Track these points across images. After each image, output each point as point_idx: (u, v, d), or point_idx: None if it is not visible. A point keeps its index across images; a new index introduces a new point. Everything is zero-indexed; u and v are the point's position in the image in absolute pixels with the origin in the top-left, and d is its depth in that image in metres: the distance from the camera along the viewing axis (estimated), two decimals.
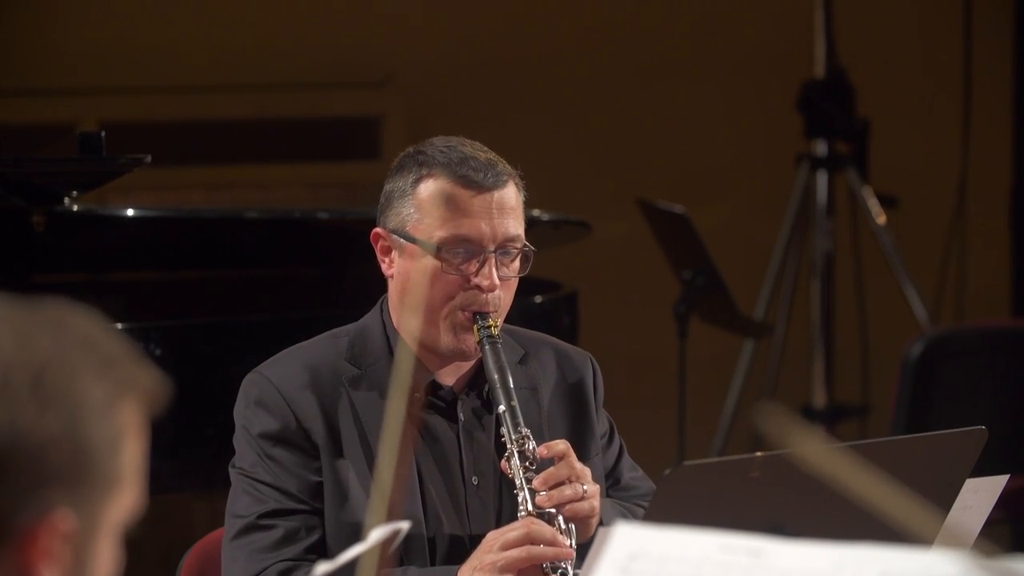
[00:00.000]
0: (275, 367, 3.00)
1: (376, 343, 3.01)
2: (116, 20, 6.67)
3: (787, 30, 7.05)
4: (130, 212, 4.50)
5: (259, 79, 6.79)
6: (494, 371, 2.92)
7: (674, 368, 5.72)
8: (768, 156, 7.09)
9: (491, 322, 2.94)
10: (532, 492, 2.84)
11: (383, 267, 3.02)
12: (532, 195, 3.04)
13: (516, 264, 2.99)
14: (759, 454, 2.59)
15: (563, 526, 2.84)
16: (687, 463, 2.60)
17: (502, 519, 2.98)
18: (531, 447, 2.87)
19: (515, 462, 2.87)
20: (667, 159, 7.14)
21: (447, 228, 2.93)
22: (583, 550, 2.80)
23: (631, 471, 3.18)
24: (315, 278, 5.07)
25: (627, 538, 1.99)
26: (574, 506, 2.85)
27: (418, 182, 2.96)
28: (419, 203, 2.95)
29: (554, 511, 2.84)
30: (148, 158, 4.22)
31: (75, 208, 4.35)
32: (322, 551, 2.90)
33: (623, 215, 6.52)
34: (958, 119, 7.18)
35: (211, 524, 3.37)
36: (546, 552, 2.80)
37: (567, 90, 7.05)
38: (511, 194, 2.97)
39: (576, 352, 3.17)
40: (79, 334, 1.63)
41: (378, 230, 3.01)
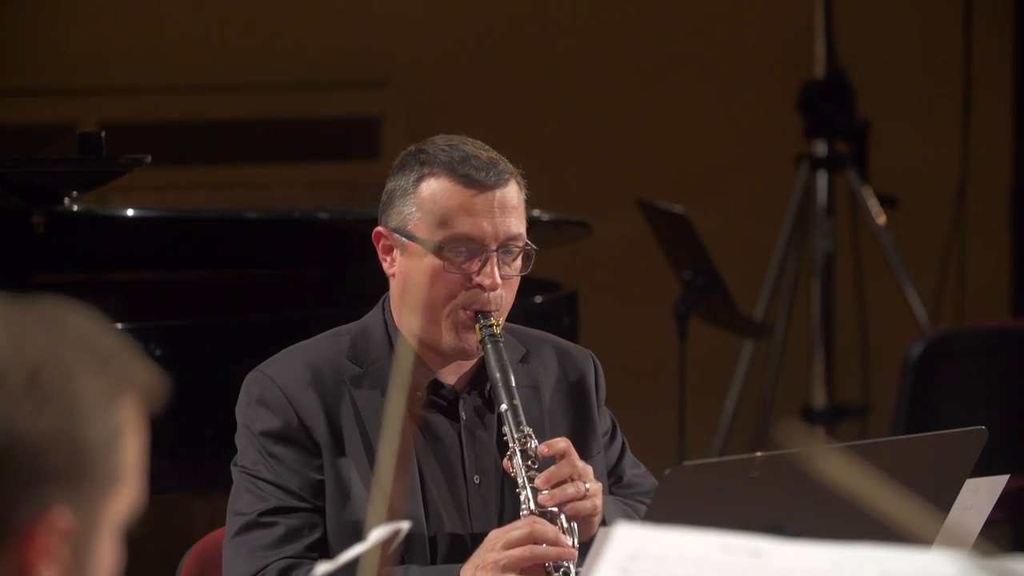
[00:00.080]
0: (277, 366, 3.00)
1: (378, 342, 3.01)
2: (116, 20, 6.67)
3: (787, 30, 7.05)
4: (130, 212, 4.50)
5: (259, 79, 6.79)
6: (496, 370, 2.92)
7: (674, 368, 5.72)
8: (768, 156, 7.08)
9: (493, 321, 2.94)
10: (534, 491, 2.84)
11: (384, 266, 3.02)
12: (532, 195, 3.04)
13: (518, 263, 2.99)
14: (759, 454, 2.59)
15: (565, 525, 2.83)
16: (687, 463, 2.60)
17: (504, 518, 2.98)
18: (533, 446, 2.87)
19: (517, 461, 2.86)
20: (667, 159, 7.13)
21: (449, 227, 2.93)
22: (585, 548, 2.80)
23: (633, 468, 3.18)
24: (315, 278, 5.07)
25: (627, 538, 1.99)
26: (576, 505, 2.85)
27: (420, 181, 2.96)
28: (421, 202, 2.95)
29: (556, 510, 2.84)
30: (148, 158, 4.22)
31: (75, 208, 4.35)
32: (323, 549, 2.90)
33: (623, 215, 6.51)
34: (958, 119, 7.18)
35: (211, 524, 3.37)
36: (549, 552, 2.80)
37: (567, 90, 7.05)
38: (513, 193, 2.97)
39: (577, 350, 3.17)
40: (75, 332, 1.63)
41: (379, 229, 3.01)
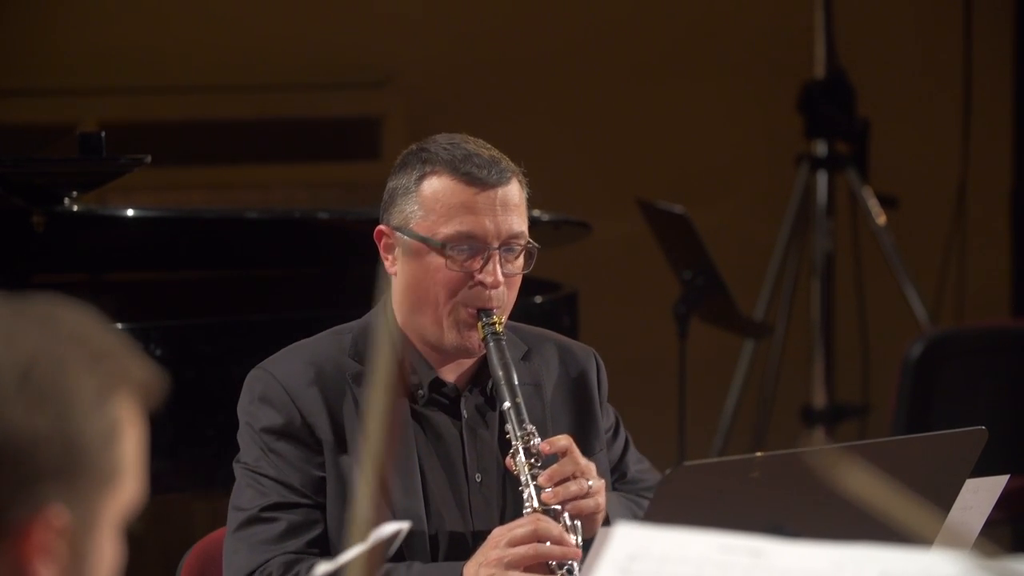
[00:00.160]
0: (279, 363, 3.01)
1: (379, 340, 3.01)
2: (116, 21, 6.67)
3: (787, 30, 7.05)
4: (130, 212, 4.50)
5: (259, 79, 6.79)
6: (498, 368, 2.92)
7: (674, 368, 5.72)
8: (768, 156, 7.08)
9: (495, 319, 2.94)
10: (538, 489, 2.84)
11: (386, 264, 3.01)
12: (532, 195, 3.04)
13: (520, 261, 2.99)
14: (759, 454, 2.59)
15: (569, 523, 2.83)
16: (687, 463, 2.60)
17: (505, 516, 2.98)
18: (536, 443, 2.87)
19: (520, 459, 2.86)
20: (667, 159, 7.13)
21: (451, 225, 2.93)
22: (588, 546, 2.80)
23: (637, 464, 3.18)
24: (315, 278, 5.07)
25: (627, 538, 1.99)
26: (579, 503, 2.85)
27: (422, 179, 2.96)
28: (423, 200, 2.95)
29: (560, 507, 2.84)
30: (148, 158, 4.22)
31: (75, 208, 4.35)
32: (324, 545, 2.91)
33: (623, 215, 6.51)
34: (958, 119, 7.18)
35: (211, 524, 3.37)
36: (553, 551, 2.79)
37: (567, 90, 7.05)
38: (515, 191, 2.97)
39: (579, 347, 3.17)
40: (68, 329, 1.63)
41: (381, 227, 3.01)
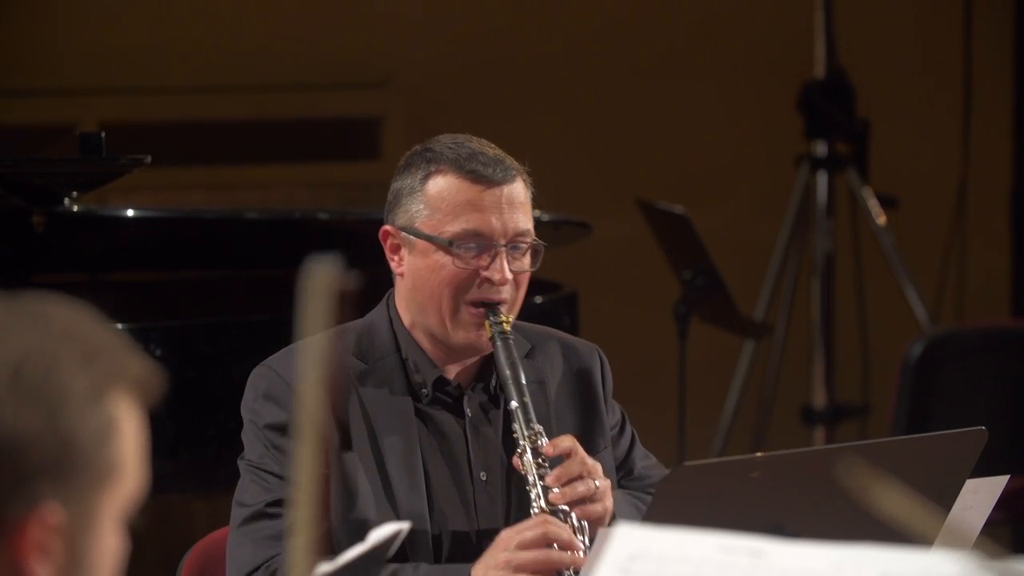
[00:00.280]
0: (283, 360, 3.00)
1: (383, 338, 3.01)
2: (116, 21, 6.67)
3: (787, 30, 7.05)
4: (130, 212, 4.50)
5: (259, 79, 6.79)
6: (506, 367, 2.92)
7: (674, 368, 5.72)
8: (768, 156, 7.08)
9: (503, 318, 2.94)
10: (545, 489, 2.84)
11: (392, 265, 3.01)
12: (533, 195, 3.04)
13: (527, 259, 2.99)
14: (759, 454, 2.59)
15: (576, 524, 2.83)
16: (687, 464, 2.60)
17: (510, 514, 2.98)
18: (543, 443, 2.87)
19: (528, 459, 2.86)
20: (667, 159, 7.13)
21: (458, 223, 2.93)
22: None
23: (644, 460, 3.18)
24: None
25: (627, 538, 1.99)
26: (586, 508, 2.84)
27: (427, 179, 2.96)
28: (428, 199, 2.95)
29: (567, 508, 2.83)
30: (148, 158, 4.22)
31: (75, 208, 4.35)
32: (328, 543, 2.90)
33: (623, 215, 6.51)
34: (958, 119, 7.17)
35: (211, 524, 3.36)
36: (563, 558, 2.78)
37: (567, 90, 7.05)
38: (520, 189, 2.98)
39: (583, 345, 3.17)
40: (61, 326, 1.63)
41: (387, 228, 3.00)
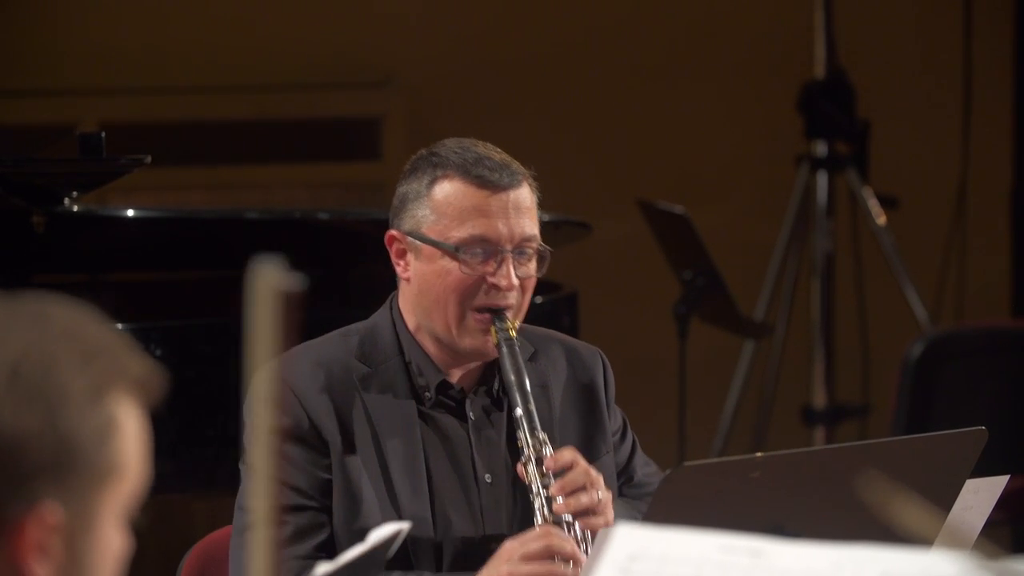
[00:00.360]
0: (286, 363, 2.99)
1: (386, 342, 3.01)
2: (116, 21, 6.67)
3: (787, 30, 7.05)
4: (130, 213, 4.50)
5: (259, 80, 6.78)
6: (511, 373, 2.91)
7: (674, 369, 5.72)
8: (768, 157, 7.08)
9: (509, 325, 2.93)
10: (548, 499, 2.83)
11: (398, 270, 3.00)
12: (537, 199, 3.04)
13: (533, 264, 2.98)
14: (759, 454, 2.59)
15: (579, 534, 2.82)
16: (687, 464, 2.60)
17: (515, 517, 2.97)
18: (548, 452, 2.86)
19: (532, 468, 2.85)
20: (667, 159, 7.13)
21: (464, 229, 2.92)
22: None
23: (645, 466, 3.17)
24: (315, 278, 5.07)
25: (627, 538, 1.99)
26: (589, 521, 2.83)
27: (433, 184, 2.95)
28: (435, 204, 2.94)
29: (571, 519, 2.83)
30: (148, 159, 4.22)
31: (75, 208, 4.35)
32: (331, 549, 2.89)
33: (623, 216, 6.51)
34: (958, 119, 7.17)
35: (211, 524, 3.36)
36: (566, 572, 2.77)
37: (567, 90, 7.05)
38: (526, 194, 2.97)
39: (585, 348, 3.16)
40: (59, 326, 1.63)
41: (393, 233, 3.00)
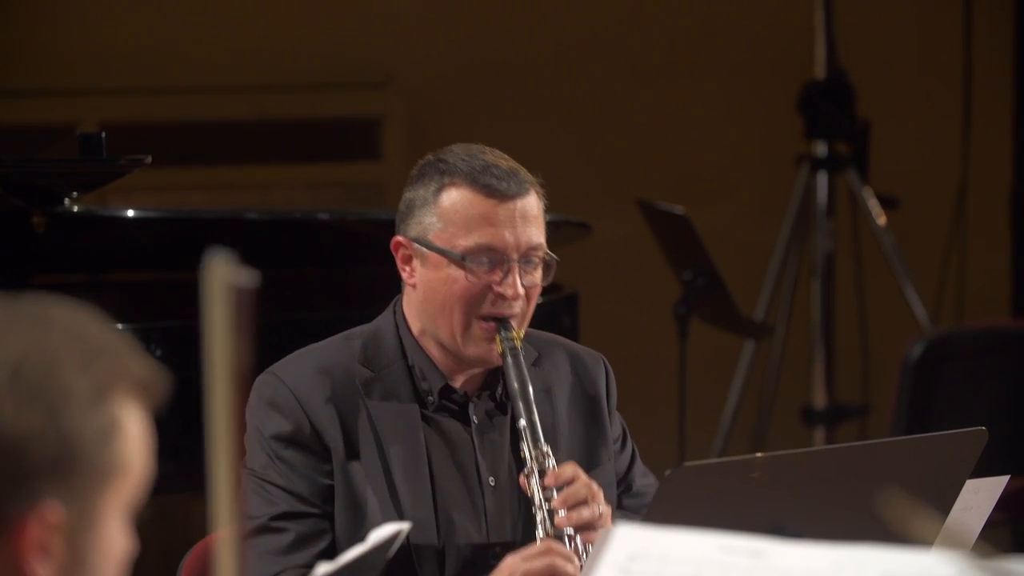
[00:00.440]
0: (288, 368, 2.99)
1: (389, 346, 3.00)
2: (116, 21, 6.67)
3: (787, 30, 7.05)
4: (130, 213, 4.50)
5: (259, 80, 6.78)
6: (515, 383, 2.91)
7: (674, 369, 5.72)
8: (768, 157, 7.08)
9: (514, 334, 2.93)
10: (550, 512, 2.83)
11: (404, 275, 3.00)
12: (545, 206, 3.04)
13: (539, 273, 2.98)
14: (759, 455, 2.59)
15: (581, 549, 2.81)
16: (687, 464, 2.60)
17: (519, 521, 2.97)
18: (551, 465, 2.86)
19: (535, 481, 2.85)
20: (667, 160, 7.13)
21: (471, 238, 2.92)
22: None
23: (643, 477, 3.16)
24: (315, 279, 5.07)
25: (627, 539, 1.99)
26: (590, 535, 2.82)
27: (440, 191, 2.94)
28: (442, 212, 2.94)
29: (572, 532, 2.82)
30: (148, 159, 4.22)
31: (75, 209, 4.34)
32: (332, 556, 2.89)
33: (623, 216, 6.51)
34: (958, 119, 7.17)
35: (211, 524, 3.36)
36: None
37: (567, 90, 7.05)
38: (533, 202, 2.97)
39: (588, 354, 3.16)
40: (62, 327, 1.63)
41: (399, 239, 2.99)
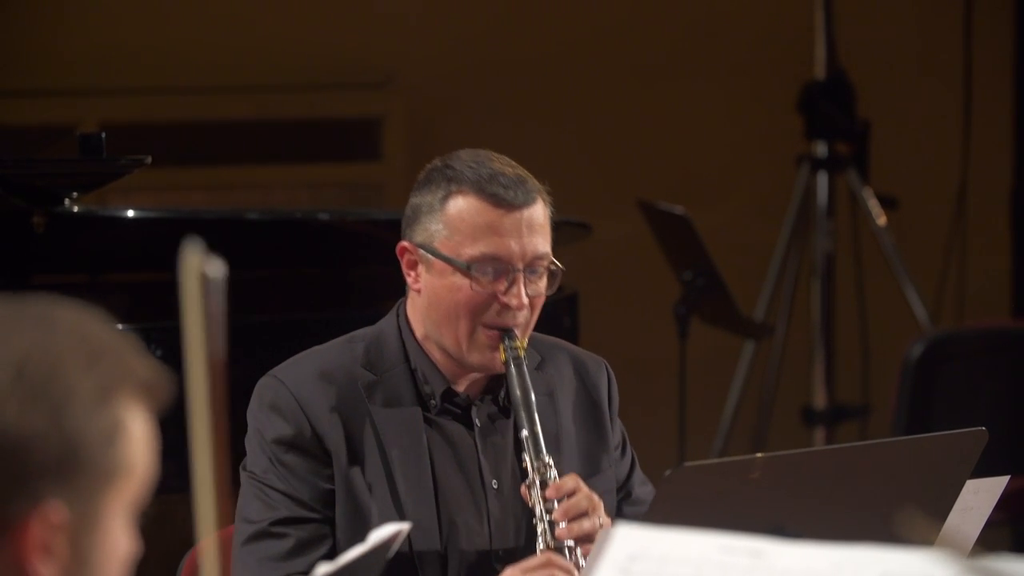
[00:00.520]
0: (290, 371, 2.99)
1: (392, 349, 3.00)
2: (117, 21, 6.67)
3: (787, 30, 7.05)
4: (130, 213, 4.49)
5: (260, 80, 6.79)
6: (518, 392, 2.90)
7: (674, 369, 5.72)
8: (768, 157, 7.08)
9: (518, 344, 2.92)
10: (551, 524, 2.83)
11: (408, 280, 2.99)
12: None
13: (543, 282, 2.98)
14: (759, 455, 2.59)
15: (582, 561, 2.81)
16: (687, 464, 2.60)
17: (522, 524, 2.97)
18: (552, 476, 2.85)
19: (536, 492, 2.85)
20: (667, 160, 7.13)
21: (477, 247, 2.91)
22: None
23: (642, 486, 3.16)
24: (315, 279, 5.07)
25: (627, 539, 1.99)
26: (590, 548, 2.81)
27: (447, 199, 2.93)
28: (448, 220, 2.93)
29: (572, 544, 2.82)
30: (148, 159, 4.22)
31: (75, 209, 4.34)
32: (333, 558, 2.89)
33: (624, 216, 6.51)
34: (958, 119, 7.17)
35: None
36: None
37: (568, 91, 7.05)
38: (539, 211, 2.96)
39: (591, 359, 3.16)
40: (66, 328, 1.63)
41: (404, 244, 2.98)
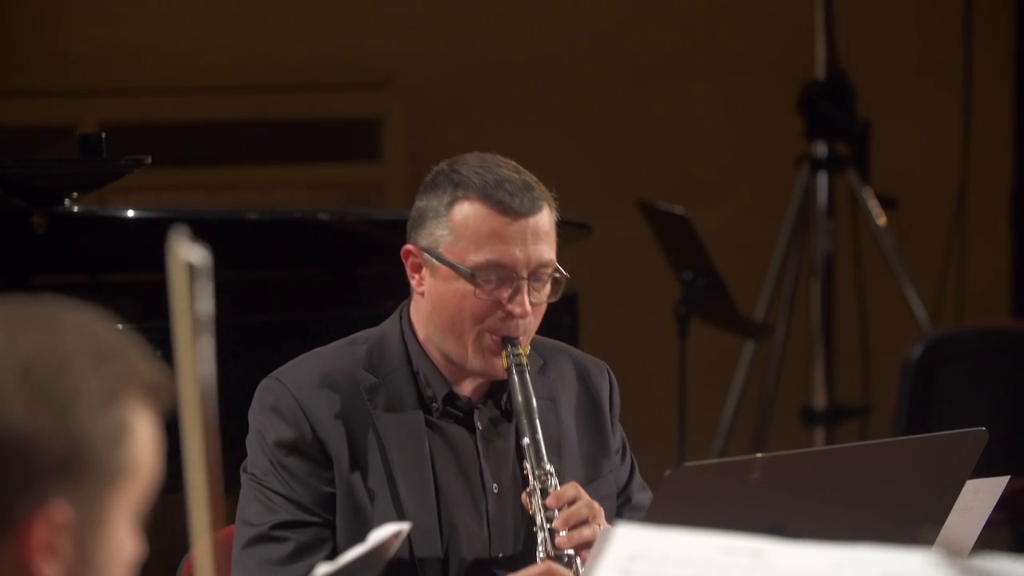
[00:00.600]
0: (292, 373, 2.98)
1: (394, 352, 3.00)
2: (117, 21, 6.67)
3: (787, 30, 7.05)
4: (130, 213, 4.49)
5: (260, 80, 6.79)
6: (520, 399, 2.90)
7: (674, 369, 5.72)
8: (768, 157, 7.08)
9: (521, 350, 2.92)
10: (552, 532, 2.83)
11: (412, 283, 2.99)
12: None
13: (547, 289, 2.97)
14: (759, 455, 2.59)
15: (581, 570, 2.81)
16: (687, 464, 2.60)
17: (522, 528, 2.97)
18: (554, 484, 2.85)
19: (536, 500, 2.85)
20: (667, 160, 7.13)
21: (481, 253, 2.91)
22: None
23: (641, 491, 3.15)
24: (315, 279, 5.07)
25: (627, 539, 1.99)
26: (590, 556, 2.82)
27: (452, 204, 2.93)
28: (453, 225, 2.92)
29: (573, 552, 2.82)
30: (148, 159, 4.22)
31: (75, 209, 4.34)
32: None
33: (624, 216, 6.51)
34: (958, 120, 7.17)
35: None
36: None
37: (568, 91, 7.05)
38: (545, 219, 2.96)
39: (593, 363, 3.15)
40: (73, 329, 1.64)
41: (409, 247, 2.98)
